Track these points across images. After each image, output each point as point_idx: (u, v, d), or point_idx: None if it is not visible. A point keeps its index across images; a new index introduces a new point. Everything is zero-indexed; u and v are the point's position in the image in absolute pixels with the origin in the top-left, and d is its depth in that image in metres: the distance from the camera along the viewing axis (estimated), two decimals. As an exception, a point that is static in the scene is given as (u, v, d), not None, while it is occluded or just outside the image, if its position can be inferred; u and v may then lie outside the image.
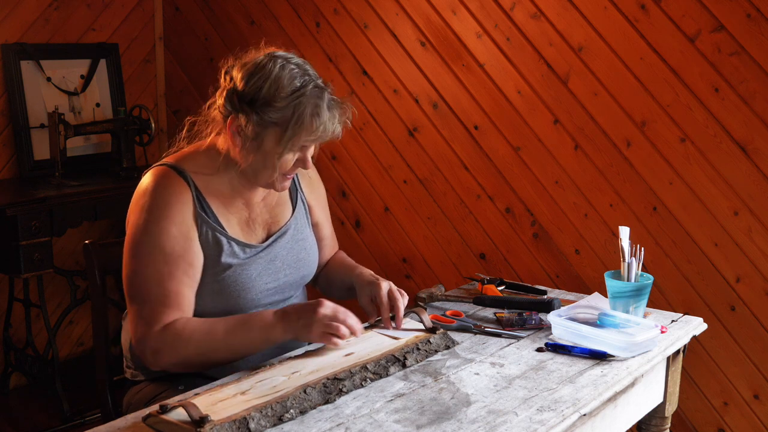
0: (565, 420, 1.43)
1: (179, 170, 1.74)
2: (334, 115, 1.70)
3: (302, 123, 1.66)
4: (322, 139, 1.71)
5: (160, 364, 1.66)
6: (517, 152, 2.93)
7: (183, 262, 1.68)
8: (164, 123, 3.98)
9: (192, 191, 1.73)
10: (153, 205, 1.70)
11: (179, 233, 1.69)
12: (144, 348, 1.64)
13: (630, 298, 1.85)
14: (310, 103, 1.67)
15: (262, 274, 1.78)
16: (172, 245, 1.68)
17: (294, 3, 3.42)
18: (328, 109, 1.69)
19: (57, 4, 3.53)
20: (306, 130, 1.67)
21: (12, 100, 3.40)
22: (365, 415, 1.42)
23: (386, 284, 1.78)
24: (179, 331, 1.62)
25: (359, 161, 3.33)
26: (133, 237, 1.70)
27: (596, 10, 2.69)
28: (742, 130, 2.48)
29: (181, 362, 1.65)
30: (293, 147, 1.69)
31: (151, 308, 1.64)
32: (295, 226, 1.88)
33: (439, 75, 3.07)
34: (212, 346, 1.63)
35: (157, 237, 1.68)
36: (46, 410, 3.28)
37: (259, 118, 1.67)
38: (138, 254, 1.68)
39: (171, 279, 1.66)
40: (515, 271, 3.00)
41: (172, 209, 1.70)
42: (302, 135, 1.67)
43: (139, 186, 1.77)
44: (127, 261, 1.70)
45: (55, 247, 3.30)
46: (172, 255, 1.67)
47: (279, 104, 1.66)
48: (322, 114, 1.67)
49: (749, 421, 2.61)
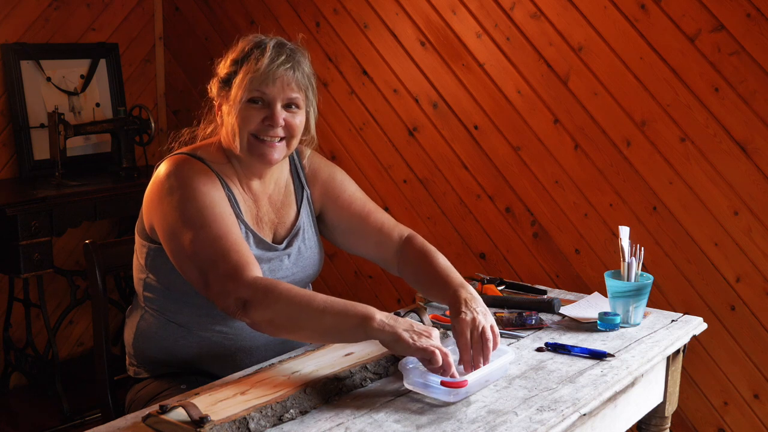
0: (565, 420, 1.43)
1: (196, 157, 1.73)
2: (282, 53, 1.70)
3: (249, 60, 1.69)
4: (276, 80, 1.69)
5: (250, 317, 1.54)
6: (517, 152, 2.93)
7: (233, 219, 1.66)
8: (164, 123, 3.98)
9: (215, 173, 1.73)
10: (184, 179, 1.67)
11: (219, 196, 1.68)
12: (230, 302, 1.55)
13: (630, 298, 1.85)
14: (259, 47, 1.71)
15: (273, 271, 1.77)
16: (220, 206, 1.66)
17: (294, 3, 3.42)
18: (275, 48, 1.70)
19: (57, 4, 3.53)
20: (253, 68, 1.68)
21: (12, 100, 3.40)
22: (365, 415, 1.42)
23: (469, 320, 1.56)
24: (270, 287, 1.54)
25: (359, 161, 3.33)
26: (174, 214, 1.64)
27: (596, 9, 2.69)
28: (742, 130, 2.48)
29: (269, 320, 1.54)
30: (248, 91, 1.68)
31: (225, 263, 1.57)
32: (302, 226, 1.87)
33: (439, 75, 3.07)
34: (304, 315, 1.52)
35: (202, 201, 1.64)
36: (46, 410, 3.28)
37: (223, 82, 1.73)
38: (188, 224, 1.62)
39: (230, 233, 1.62)
40: (515, 271, 3.00)
41: (205, 179, 1.68)
42: (251, 73, 1.68)
43: (156, 175, 1.72)
44: (177, 238, 1.63)
45: (55, 247, 3.30)
46: (223, 215, 1.64)
47: (237, 58, 1.72)
48: (267, 50, 1.69)
49: (749, 421, 2.61)
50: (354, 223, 1.90)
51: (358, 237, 1.90)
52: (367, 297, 3.42)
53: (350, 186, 1.93)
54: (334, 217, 1.91)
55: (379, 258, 1.89)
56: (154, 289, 1.78)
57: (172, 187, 1.66)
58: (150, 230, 1.74)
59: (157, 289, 1.78)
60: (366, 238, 1.89)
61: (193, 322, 1.76)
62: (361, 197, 1.92)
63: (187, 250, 1.62)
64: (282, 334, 1.60)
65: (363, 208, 1.90)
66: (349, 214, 1.90)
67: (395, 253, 1.86)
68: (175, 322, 1.77)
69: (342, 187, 1.92)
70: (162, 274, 1.75)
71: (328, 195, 1.91)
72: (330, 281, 3.49)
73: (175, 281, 1.72)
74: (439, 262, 1.78)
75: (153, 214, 1.71)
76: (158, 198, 1.69)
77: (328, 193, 1.91)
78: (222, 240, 1.60)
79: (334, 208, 1.91)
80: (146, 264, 1.77)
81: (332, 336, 1.56)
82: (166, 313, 1.78)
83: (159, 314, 1.79)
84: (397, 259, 1.86)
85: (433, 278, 1.75)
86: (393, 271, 1.89)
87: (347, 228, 1.91)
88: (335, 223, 1.91)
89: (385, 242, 1.87)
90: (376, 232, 1.88)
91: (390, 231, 1.88)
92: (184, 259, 1.63)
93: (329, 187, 1.91)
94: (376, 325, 1.47)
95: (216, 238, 1.60)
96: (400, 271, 1.86)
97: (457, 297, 1.63)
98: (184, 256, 1.63)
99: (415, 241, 1.85)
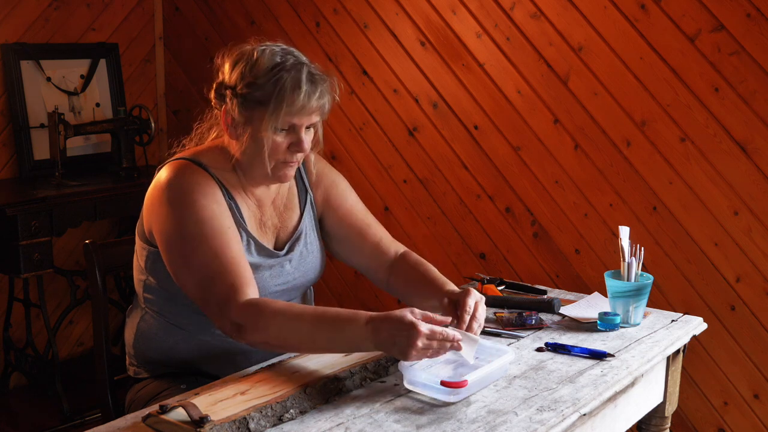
0: (565, 420, 1.43)
1: (198, 163, 1.72)
2: (315, 86, 1.68)
3: (283, 95, 1.65)
4: (307, 112, 1.68)
5: (246, 340, 1.57)
6: (517, 152, 2.93)
7: (233, 233, 1.66)
8: (164, 123, 3.98)
9: (216, 181, 1.72)
10: (184, 190, 1.66)
11: (219, 210, 1.67)
12: (226, 324, 1.58)
13: (630, 298, 1.85)
14: (290, 76, 1.66)
15: (274, 276, 1.77)
16: (219, 219, 1.65)
17: (294, 3, 3.42)
18: (309, 81, 1.67)
19: (57, 4, 3.53)
20: (287, 103, 1.65)
21: (12, 100, 3.40)
22: (365, 415, 1.42)
23: (477, 294, 1.64)
24: (261, 309, 1.55)
25: (359, 161, 3.33)
26: (172, 226, 1.65)
27: (596, 9, 2.69)
28: (742, 130, 2.48)
29: (264, 342, 1.56)
30: (279, 123, 1.67)
31: (221, 284, 1.58)
32: (305, 230, 1.87)
33: (439, 75, 3.07)
34: (296, 335, 1.54)
35: (201, 214, 1.64)
36: (46, 410, 3.28)
37: (243, 100, 1.67)
38: (186, 237, 1.63)
39: (227, 249, 1.62)
40: (515, 271, 3.00)
41: (206, 190, 1.68)
42: (284, 108, 1.65)
43: (156, 181, 1.72)
44: (175, 251, 1.64)
45: (55, 247, 3.30)
46: (221, 228, 1.64)
47: (260, 81, 1.66)
48: (302, 85, 1.66)
49: (749, 421, 2.61)
50: (352, 234, 1.90)
51: (354, 248, 1.91)
52: (367, 297, 3.42)
53: (351, 196, 1.94)
54: (333, 225, 1.92)
55: (370, 270, 1.91)
56: (154, 291, 1.78)
57: (172, 197, 1.67)
58: (150, 234, 1.74)
59: (157, 291, 1.78)
60: (361, 251, 1.90)
61: (193, 324, 1.76)
62: (361, 209, 1.93)
63: (184, 264, 1.63)
64: (281, 351, 1.65)
65: (362, 221, 1.91)
66: (348, 224, 1.91)
67: (388, 267, 1.88)
68: (175, 325, 1.77)
69: (344, 196, 1.93)
70: (162, 277, 1.75)
71: (329, 202, 1.91)
72: (330, 281, 3.49)
73: (175, 285, 1.71)
74: (433, 270, 1.83)
75: (152, 220, 1.71)
76: (158, 205, 1.69)
77: (329, 200, 1.91)
78: (219, 258, 1.61)
79: (333, 217, 1.91)
80: (146, 267, 1.78)
81: (328, 350, 1.58)
82: (166, 315, 1.78)
83: (159, 316, 1.79)
84: (389, 272, 1.88)
85: (428, 282, 1.78)
86: (380, 284, 1.91)
87: (344, 237, 1.91)
88: (333, 231, 1.92)
89: (380, 257, 1.89)
90: (372, 246, 1.89)
91: (387, 247, 1.90)
92: (181, 272, 1.65)
93: (331, 194, 1.92)
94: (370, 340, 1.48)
95: (213, 255, 1.61)
96: (389, 283, 1.88)
97: (453, 290, 1.71)
98: (181, 269, 1.64)
99: (410, 255, 1.89)
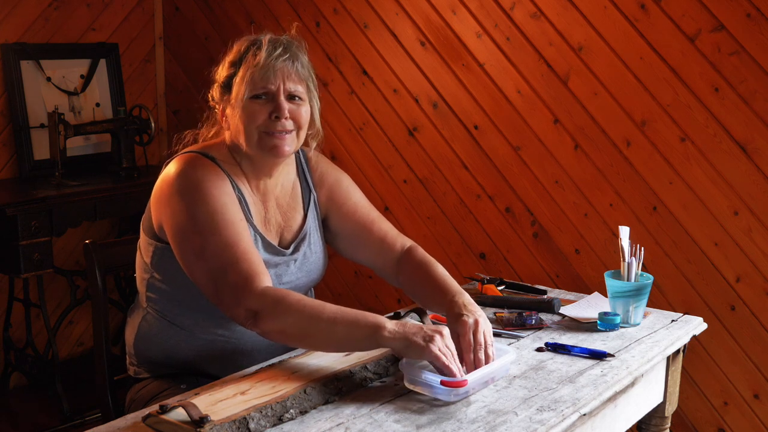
0: (564, 420, 1.43)
1: (207, 156, 1.73)
2: (277, 45, 1.71)
3: (247, 57, 1.70)
4: (277, 73, 1.70)
5: (260, 328, 1.56)
6: (517, 152, 2.93)
7: (243, 225, 1.66)
8: (164, 123, 3.98)
9: (225, 174, 1.72)
10: (195, 181, 1.66)
11: (230, 202, 1.67)
12: (240, 312, 1.56)
13: (630, 298, 1.85)
14: (255, 44, 1.73)
15: (278, 275, 1.77)
16: (230, 211, 1.65)
17: (294, 3, 3.42)
18: (271, 42, 1.72)
19: (57, 4, 3.53)
20: (252, 63, 1.69)
21: (12, 100, 3.40)
22: (365, 414, 1.42)
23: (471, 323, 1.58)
24: (280, 297, 1.55)
25: (359, 161, 3.33)
26: (185, 217, 1.64)
27: (596, 9, 2.69)
28: (742, 130, 2.48)
29: (280, 330, 1.55)
30: (252, 87, 1.69)
31: (235, 273, 1.58)
32: (309, 231, 1.87)
33: (439, 75, 3.07)
34: (314, 326, 1.53)
35: (213, 205, 1.64)
36: (46, 410, 3.28)
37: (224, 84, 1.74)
38: (199, 228, 1.62)
39: (240, 240, 1.62)
40: (515, 271, 3.00)
41: (216, 182, 1.68)
42: (250, 68, 1.69)
43: (165, 174, 1.71)
44: (187, 242, 1.63)
45: (55, 247, 3.30)
46: (233, 219, 1.64)
47: (233, 61, 1.73)
48: (262, 47, 1.70)
49: (749, 421, 2.61)
50: (357, 230, 1.90)
51: (360, 245, 1.91)
52: (367, 297, 3.42)
53: (356, 193, 1.94)
54: (338, 224, 1.91)
55: (379, 266, 1.90)
56: (158, 289, 1.78)
57: (183, 188, 1.66)
58: (158, 229, 1.73)
59: (160, 290, 1.77)
60: (368, 247, 1.90)
61: (195, 324, 1.76)
62: (365, 205, 1.93)
63: (197, 256, 1.62)
64: (292, 344, 1.61)
65: (367, 217, 1.91)
66: (353, 221, 1.90)
67: (395, 263, 1.87)
68: (177, 325, 1.77)
69: (347, 193, 1.92)
70: (167, 274, 1.74)
71: (333, 200, 1.91)
72: (330, 281, 3.49)
73: (180, 282, 1.71)
74: (437, 271, 1.79)
75: (162, 213, 1.70)
76: (168, 197, 1.68)
77: (333, 198, 1.91)
78: (233, 248, 1.60)
79: (338, 215, 1.91)
80: (152, 263, 1.77)
81: (343, 346, 1.57)
82: (168, 315, 1.78)
83: (161, 316, 1.79)
84: (397, 269, 1.86)
85: (432, 286, 1.76)
86: (391, 280, 1.90)
87: (350, 235, 1.91)
88: (338, 229, 1.92)
89: (387, 252, 1.88)
90: (378, 241, 1.89)
91: (392, 241, 1.89)
92: (193, 264, 1.64)
93: (335, 192, 1.91)
94: (387, 334, 1.48)
95: (226, 245, 1.60)
96: (399, 280, 1.87)
97: (455, 302, 1.64)
98: (193, 261, 1.63)
99: (416, 252, 1.86)
